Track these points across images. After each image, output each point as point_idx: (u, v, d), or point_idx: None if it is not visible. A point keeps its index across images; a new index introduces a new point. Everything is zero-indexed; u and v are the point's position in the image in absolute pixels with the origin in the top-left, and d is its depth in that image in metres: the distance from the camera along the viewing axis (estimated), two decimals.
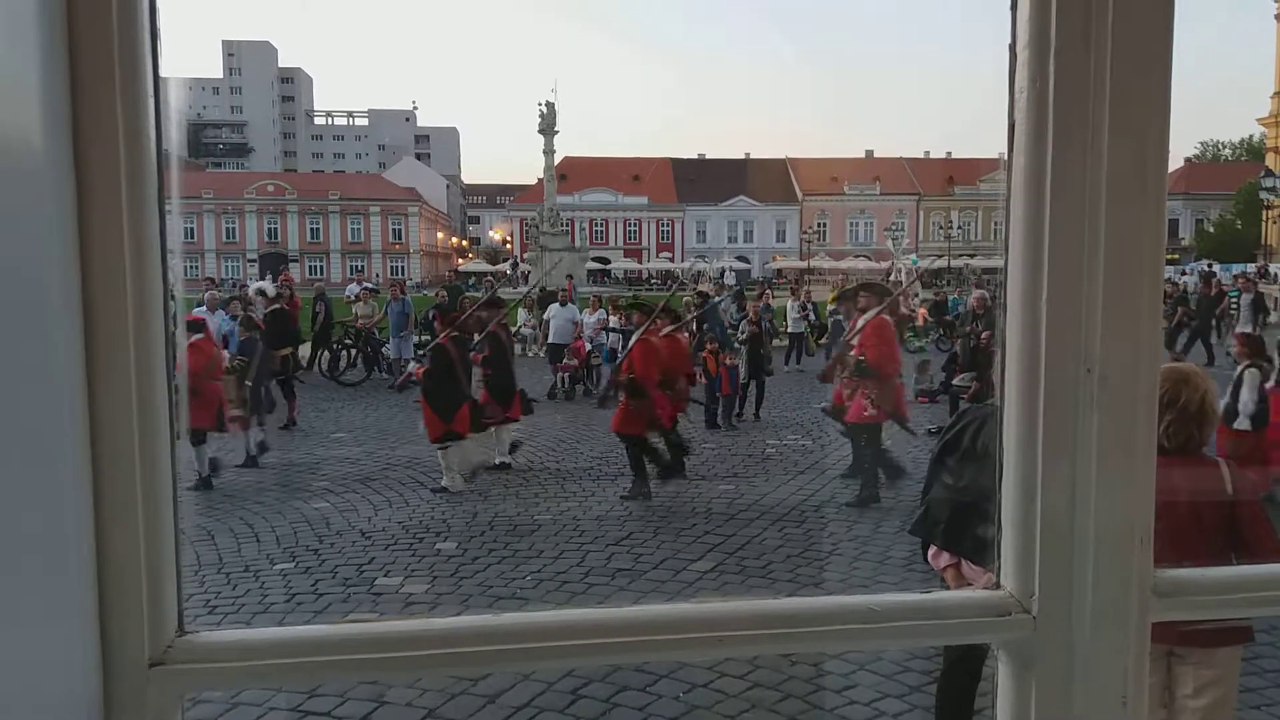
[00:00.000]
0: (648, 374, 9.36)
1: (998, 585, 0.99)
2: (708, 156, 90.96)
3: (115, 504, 0.88)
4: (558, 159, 51.80)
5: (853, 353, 9.04)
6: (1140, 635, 0.97)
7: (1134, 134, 0.90)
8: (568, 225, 48.10)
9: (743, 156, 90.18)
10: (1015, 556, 0.97)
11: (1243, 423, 8.03)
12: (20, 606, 0.78)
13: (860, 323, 9.33)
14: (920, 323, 22.46)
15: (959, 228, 76.90)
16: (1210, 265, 35.46)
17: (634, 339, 9.74)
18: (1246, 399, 8.08)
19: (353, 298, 20.16)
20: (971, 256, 61.31)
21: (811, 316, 20.89)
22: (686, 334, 12.75)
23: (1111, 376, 0.92)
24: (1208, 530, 3.12)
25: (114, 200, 0.88)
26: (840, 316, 17.88)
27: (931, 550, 4.04)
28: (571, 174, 77.26)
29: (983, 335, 11.46)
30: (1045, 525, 0.95)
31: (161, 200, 0.92)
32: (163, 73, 0.94)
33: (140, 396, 0.90)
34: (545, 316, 17.72)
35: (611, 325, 16.67)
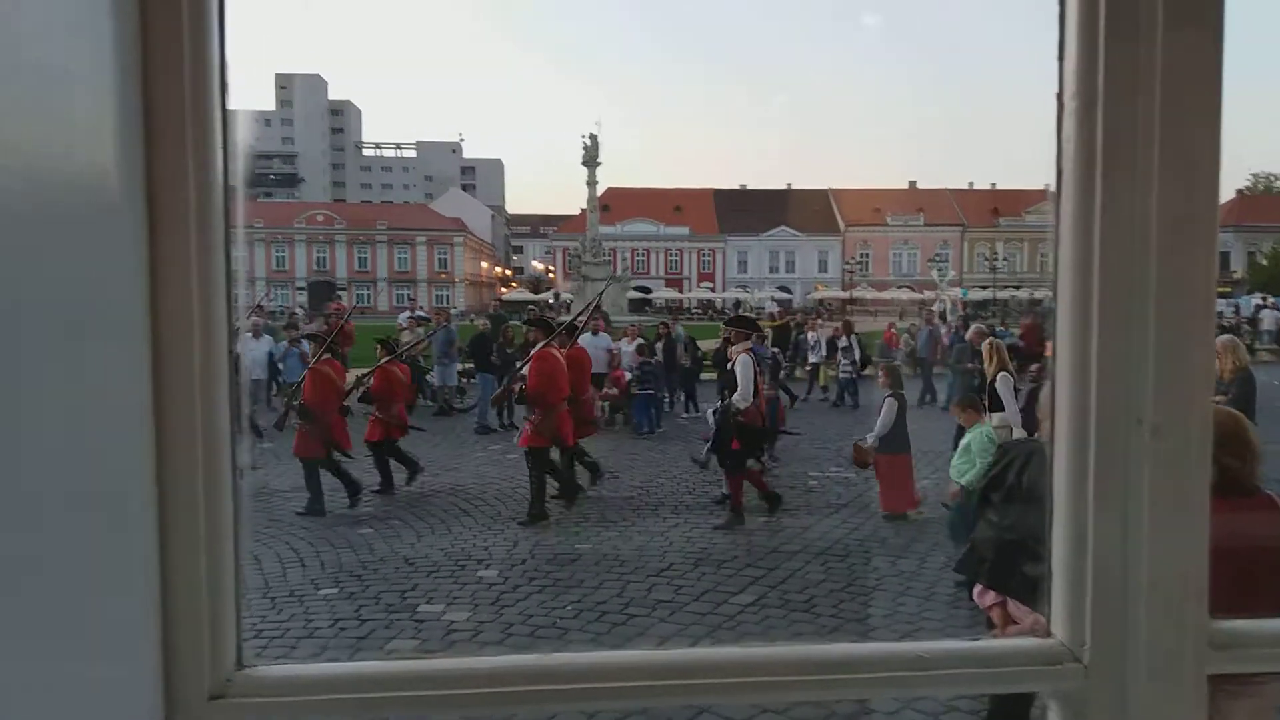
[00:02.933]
0: (316, 400, 10.08)
1: (1048, 634, 0.98)
2: (749, 187, 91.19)
3: (179, 539, 0.91)
4: (600, 190, 52.21)
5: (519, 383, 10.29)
6: (1197, 688, 0.96)
7: (1183, 182, 0.90)
8: (610, 255, 48.35)
9: (785, 187, 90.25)
10: (1066, 605, 0.96)
11: None
12: (88, 639, 0.80)
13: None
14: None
15: (1004, 259, 76.03)
16: (1265, 299, 34.65)
17: (307, 369, 10.73)
18: None
19: (403, 325, 20.46)
20: (1017, 288, 60.59)
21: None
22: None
23: (1164, 428, 0.91)
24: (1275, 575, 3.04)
25: (183, 236, 0.91)
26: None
27: (977, 589, 3.98)
28: (614, 204, 77.77)
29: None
30: (1096, 574, 0.94)
31: (229, 235, 0.96)
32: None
33: (205, 431, 0.93)
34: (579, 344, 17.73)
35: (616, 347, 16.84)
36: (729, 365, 9.67)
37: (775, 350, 18.95)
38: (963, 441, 7.92)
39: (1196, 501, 0.93)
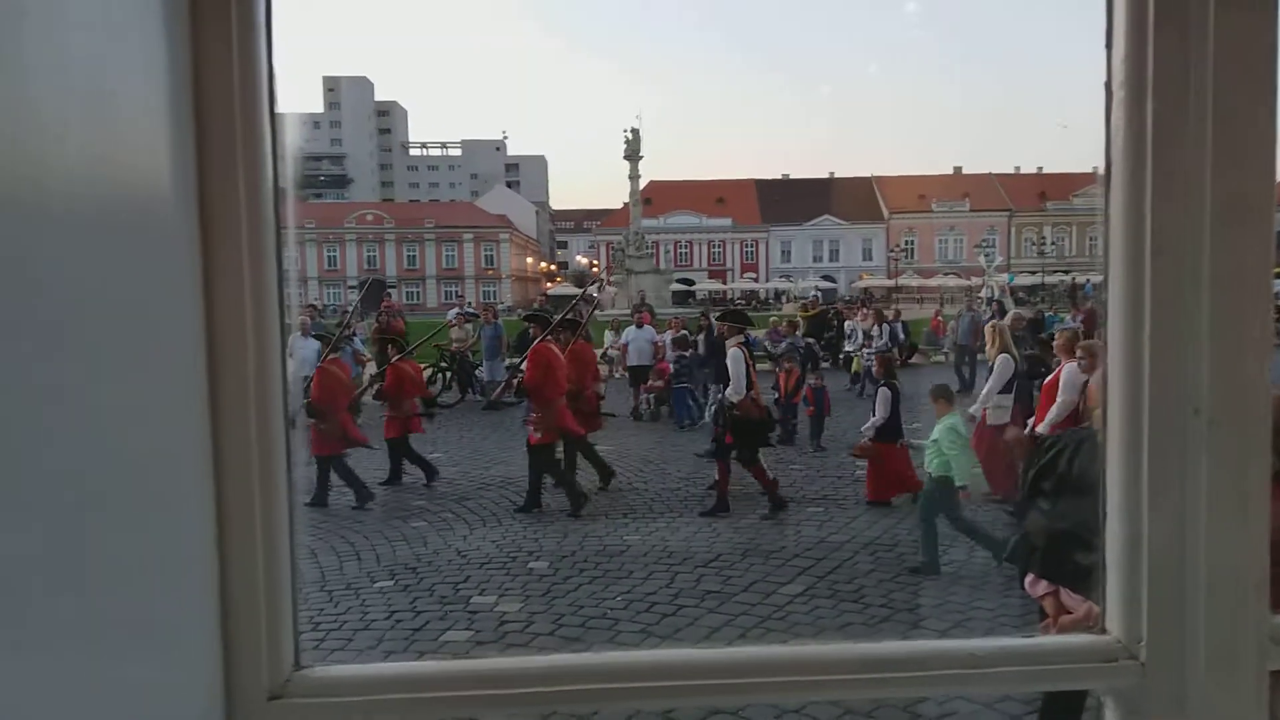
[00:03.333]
0: (324, 399, 10.28)
1: (1103, 630, 0.97)
2: (792, 177, 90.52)
3: (237, 540, 0.93)
4: (643, 183, 52.32)
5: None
6: (1258, 684, 0.94)
7: (1237, 171, 0.88)
8: (652, 248, 48.43)
9: (827, 176, 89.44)
10: (1121, 601, 0.95)
11: None
12: (148, 640, 0.83)
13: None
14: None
15: (1052, 243, 74.64)
16: None
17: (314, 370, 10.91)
18: None
19: (452, 321, 20.67)
20: (1066, 273, 59.46)
21: (900, 336, 20.77)
22: None
23: (1220, 419, 0.89)
24: None
25: (235, 240, 0.93)
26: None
27: (1029, 578, 3.92)
28: (656, 197, 77.84)
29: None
30: (1152, 569, 0.93)
31: (280, 238, 0.97)
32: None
33: (260, 432, 0.94)
34: (623, 339, 17.72)
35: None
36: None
37: (809, 340, 18.83)
38: (933, 434, 7.82)
39: (1256, 493, 0.91)
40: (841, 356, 20.64)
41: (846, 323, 21.37)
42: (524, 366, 10.28)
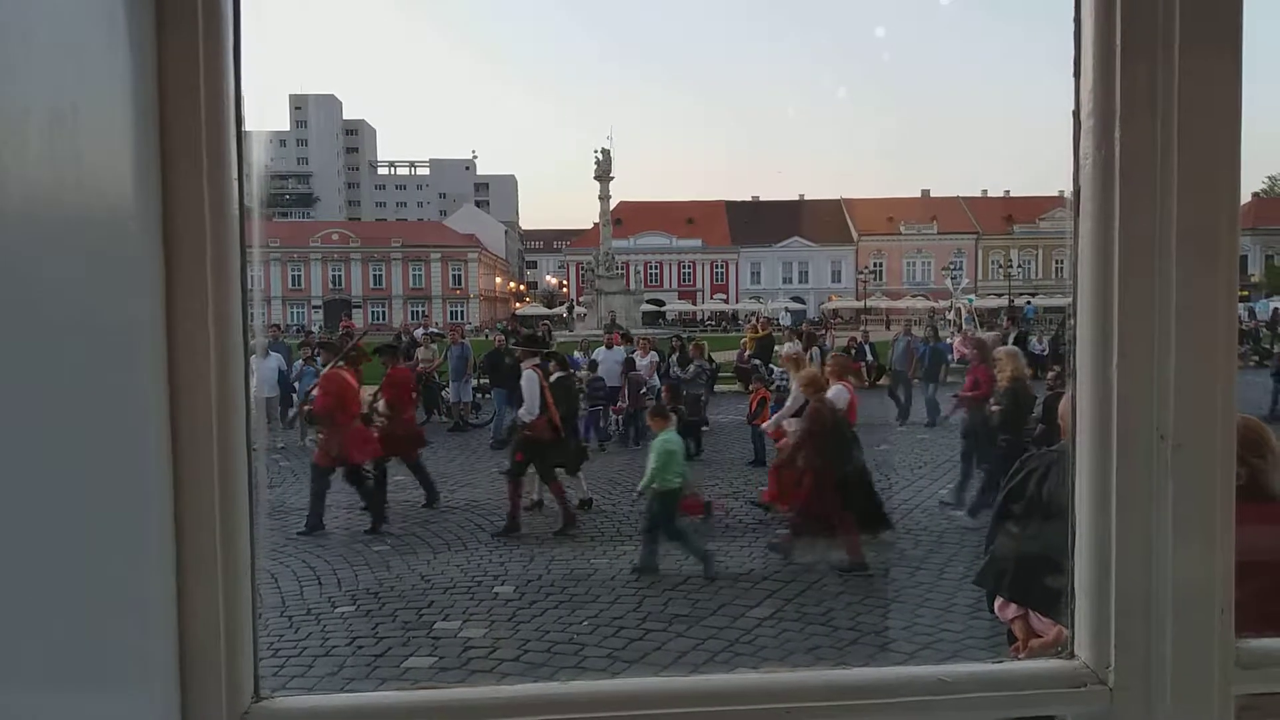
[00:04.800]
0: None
1: (1071, 655, 0.97)
2: (762, 198, 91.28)
3: (195, 567, 0.90)
4: (613, 204, 52.53)
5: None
6: (1224, 708, 0.94)
7: (1203, 197, 0.89)
8: (622, 268, 48.56)
9: (797, 198, 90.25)
10: (1089, 626, 0.95)
11: None
12: (104, 670, 0.80)
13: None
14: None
15: (1019, 266, 75.75)
16: None
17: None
18: None
19: (419, 341, 20.50)
20: (1033, 295, 60.36)
21: (869, 357, 20.91)
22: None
23: (1187, 444, 0.90)
24: None
25: (199, 264, 0.91)
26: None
27: (998, 602, 3.93)
28: (626, 218, 78.05)
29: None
30: (1120, 594, 0.93)
31: (244, 262, 0.95)
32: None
33: (222, 458, 0.92)
34: (593, 358, 17.66)
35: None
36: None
37: (757, 361, 18.88)
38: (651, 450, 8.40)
39: (1221, 517, 0.91)
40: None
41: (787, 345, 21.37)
42: (314, 393, 10.57)
